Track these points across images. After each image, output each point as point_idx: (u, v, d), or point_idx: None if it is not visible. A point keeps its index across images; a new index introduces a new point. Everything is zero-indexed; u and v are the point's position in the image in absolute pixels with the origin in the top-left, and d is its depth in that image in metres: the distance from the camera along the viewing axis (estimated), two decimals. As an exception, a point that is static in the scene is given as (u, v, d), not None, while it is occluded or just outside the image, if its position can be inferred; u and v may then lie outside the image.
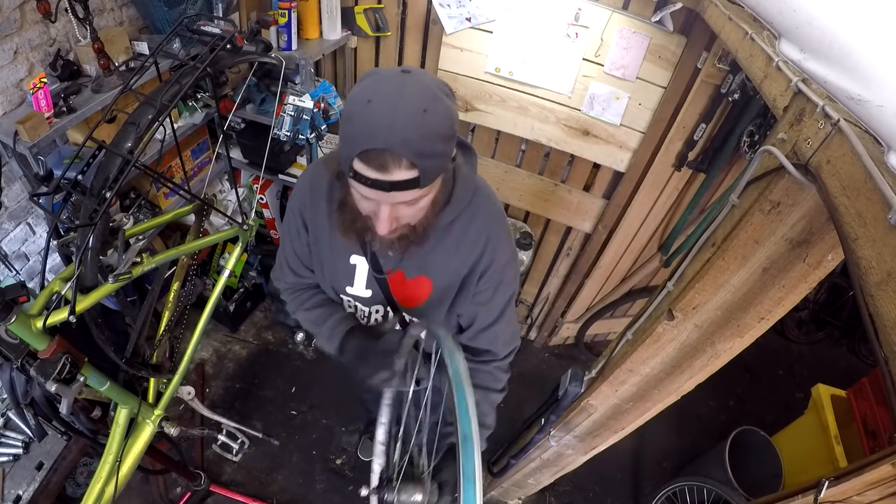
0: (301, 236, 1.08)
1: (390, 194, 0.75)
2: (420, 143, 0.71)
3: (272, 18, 1.74)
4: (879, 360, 0.43)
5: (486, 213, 0.98)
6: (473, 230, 0.97)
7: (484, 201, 0.98)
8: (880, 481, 0.52)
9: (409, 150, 0.70)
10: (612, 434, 1.44)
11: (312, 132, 1.82)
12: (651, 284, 2.53)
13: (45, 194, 1.20)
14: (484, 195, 0.99)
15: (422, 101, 0.72)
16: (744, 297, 0.86)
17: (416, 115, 0.70)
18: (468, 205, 0.95)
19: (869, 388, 1.97)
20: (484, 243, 0.98)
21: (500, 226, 1.01)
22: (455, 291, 1.04)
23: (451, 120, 0.76)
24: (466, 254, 0.98)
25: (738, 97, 1.58)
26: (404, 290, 1.06)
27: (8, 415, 1.49)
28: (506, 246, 1.02)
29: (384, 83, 0.73)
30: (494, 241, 0.99)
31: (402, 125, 0.70)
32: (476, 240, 0.98)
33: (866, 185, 0.48)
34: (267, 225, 2.69)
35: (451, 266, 1.00)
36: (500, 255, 1.00)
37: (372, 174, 0.73)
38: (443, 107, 0.74)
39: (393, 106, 0.70)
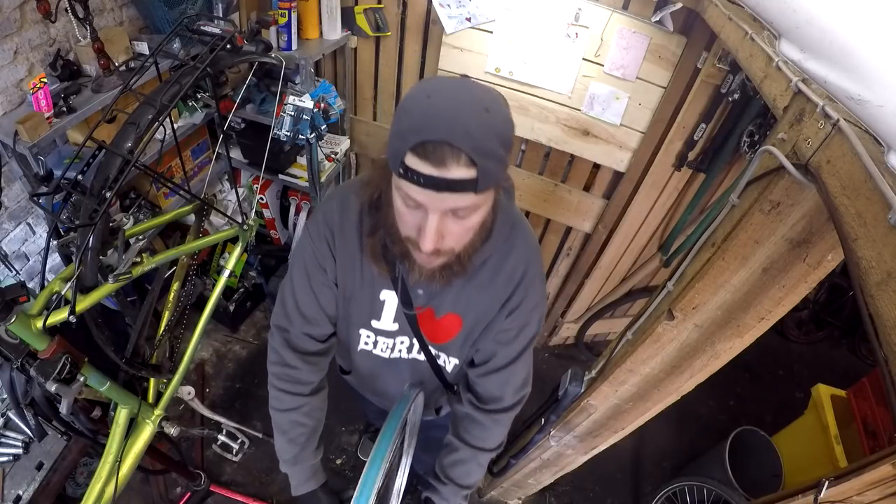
0: (325, 272, 0.97)
1: (442, 196, 0.68)
2: (482, 140, 0.66)
3: (272, 18, 1.74)
4: (879, 360, 0.43)
5: (523, 249, 0.93)
6: (508, 266, 0.92)
7: (521, 235, 0.93)
8: (880, 481, 0.52)
9: (470, 145, 0.65)
10: (612, 434, 1.44)
11: (312, 132, 1.82)
12: (651, 284, 2.53)
13: (45, 194, 1.19)
14: (522, 229, 0.94)
15: (484, 101, 0.68)
16: (744, 297, 0.86)
17: (479, 111, 0.67)
18: (505, 240, 0.90)
19: (869, 388, 1.97)
20: (518, 280, 0.93)
21: (535, 263, 0.96)
22: (483, 328, 1.00)
23: (511, 126, 0.72)
24: (499, 291, 0.94)
25: (738, 97, 1.58)
26: (434, 327, 1.00)
27: (8, 415, 1.49)
28: (538, 286, 0.97)
29: (444, 82, 0.72)
30: (528, 280, 0.94)
31: (465, 118, 0.65)
32: (510, 276, 0.93)
33: (866, 185, 0.48)
34: (267, 225, 2.69)
35: (482, 303, 0.96)
36: (532, 296, 0.96)
37: (426, 169, 0.66)
38: (504, 111, 0.71)
39: (455, 99, 0.67)
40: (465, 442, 1.07)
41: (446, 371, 1.08)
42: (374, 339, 1.05)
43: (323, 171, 2.17)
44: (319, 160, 2.09)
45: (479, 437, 1.06)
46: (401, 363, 1.09)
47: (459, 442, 1.07)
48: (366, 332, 1.04)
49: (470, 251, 0.82)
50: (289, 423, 1.04)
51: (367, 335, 1.04)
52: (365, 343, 1.06)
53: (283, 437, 1.04)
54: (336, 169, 2.31)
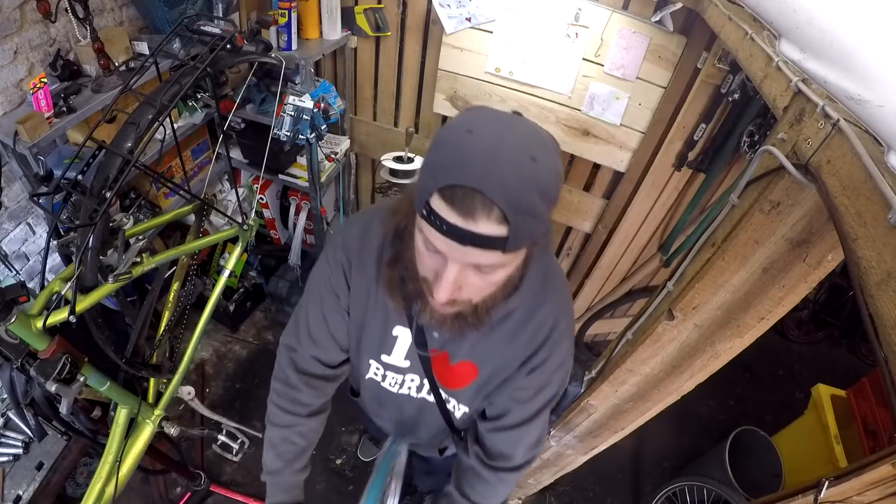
0: (338, 299, 0.93)
1: (465, 250, 0.60)
2: (520, 194, 0.57)
3: (272, 18, 1.74)
4: (879, 360, 0.43)
5: (554, 305, 0.85)
6: (535, 322, 0.85)
7: (554, 290, 0.85)
8: (880, 481, 0.52)
9: (505, 198, 0.56)
10: (612, 434, 1.44)
11: (312, 132, 1.82)
12: (651, 284, 2.53)
13: (45, 194, 1.19)
14: (555, 282, 0.86)
15: (532, 147, 0.59)
16: (744, 297, 0.86)
17: (524, 159, 0.57)
18: (535, 294, 0.82)
19: (869, 388, 1.97)
20: (544, 338, 0.86)
21: (565, 320, 0.88)
22: (499, 380, 0.93)
23: (558, 179, 0.62)
24: (523, 345, 0.87)
25: (738, 97, 1.58)
26: (447, 372, 0.95)
27: (8, 415, 1.49)
28: (565, 345, 0.90)
29: (491, 117, 0.62)
30: (555, 339, 0.87)
31: (505, 165, 0.56)
32: (536, 332, 0.86)
33: (866, 185, 0.48)
34: (267, 225, 2.69)
35: (502, 357, 0.89)
36: (557, 355, 0.88)
37: (452, 217, 0.58)
38: (553, 161, 0.61)
39: (498, 141, 0.57)
40: (466, 497, 1.02)
41: (455, 416, 1.03)
42: (384, 373, 1.01)
43: (323, 171, 2.17)
44: (319, 160, 2.08)
45: (482, 494, 1.01)
46: (408, 401, 1.04)
47: (460, 496, 1.02)
48: (375, 364, 1.00)
49: (490, 304, 0.76)
50: (280, 439, 1.01)
51: (376, 367, 1.00)
52: (374, 374, 1.02)
53: (272, 451, 1.02)
54: (336, 169, 2.31)
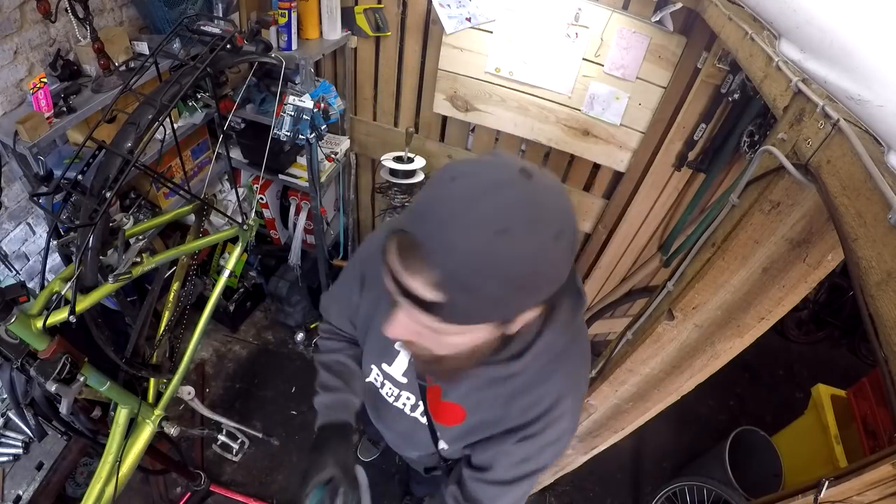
0: (355, 291, 0.95)
1: (403, 301, 0.56)
2: (465, 270, 0.50)
3: (272, 18, 1.74)
4: (879, 360, 0.43)
5: (561, 384, 0.78)
6: (537, 393, 0.78)
7: (566, 366, 0.78)
8: (880, 481, 0.52)
9: (444, 266, 0.50)
10: (612, 434, 1.44)
11: (312, 132, 1.82)
12: (651, 284, 2.53)
13: (45, 194, 1.19)
14: (572, 357, 0.78)
15: (510, 219, 0.49)
16: (744, 297, 0.86)
17: (487, 230, 0.49)
18: (542, 366, 0.75)
19: (869, 388, 1.97)
20: (541, 412, 0.78)
21: (571, 399, 0.80)
22: (486, 434, 0.88)
23: (536, 266, 0.52)
24: (517, 413, 0.80)
25: (738, 97, 1.58)
26: (437, 406, 0.91)
27: (8, 415, 1.49)
28: (563, 424, 0.81)
29: (486, 169, 0.53)
30: (553, 416, 0.79)
31: (459, 232, 0.49)
32: (534, 404, 0.78)
33: (866, 185, 0.48)
34: (267, 225, 2.69)
35: (494, 415, 0.83)
36: (551, 432, 0.81)
37: (394, 263, 0.54)
38: (535, 244, 0.51)
39: (469, 201, 0.50)
40: None
41: (441, 448, 0.99)
42: (382, 381, 0.99)
43: (323, 171, 2.17)
44: (319, 160, 2.08)
45: None
46: (402, 416, 1.00)
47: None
48: (377, 370, 0.99)
49: (457, 366, 0.68)
50: (332, 361, 1.06)
51: (377, 372, 0.99)
52: (374, 378, 1.01)
53: (326, 371, 1.04)
54: (336, 169, 2.31)
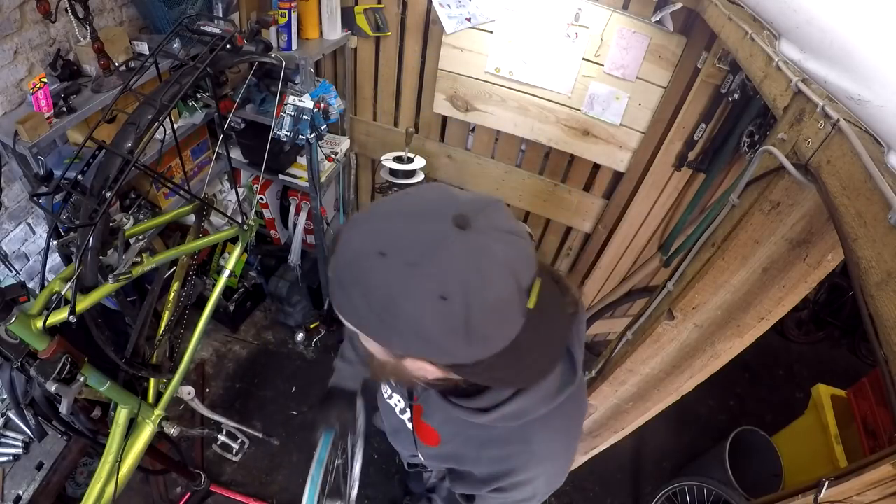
0: None
1: None
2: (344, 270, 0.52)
3: (272, 18, 1.74)
4: (879, 360, 0.43)
5: (540, 445, 0.74)
6: (509, 450, 0.75)
7: (548, 431, 0.73)
8: (880, 481, 0.52)
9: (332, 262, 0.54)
10: (612, 434, 1.44)
11: (312, 132, 1.82)
12: (651, 284, 2.53)
13: (45, 194, 1.19)
14: (555, 425, 0.74)
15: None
16: (744, 297, 0.86)
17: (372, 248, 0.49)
18: (521, 426, 0.71)
19: (869, 388, 1.97)
20: (511, 469, 0.76)
21: (548, 464, 0.77)
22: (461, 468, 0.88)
23: (397, 307, 0.49)
24: (488, 462, 0.79)
25: (738, 97, 1.58)
26: (419, 424, 0.91)
27: (8, 415, 1.49)
28: (538, 487, 0.79)
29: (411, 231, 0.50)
30: (525, 476, 0.76)
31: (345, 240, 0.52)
32: (505, 459, 0.76)
33: (866, 185, 0.48)
34: (267, 225, 2.68)
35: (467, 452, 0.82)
36: (523, 491, 0.79)
37: None
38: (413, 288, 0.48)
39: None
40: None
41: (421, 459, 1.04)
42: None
43: (323, 171, 2.17)
44: (319, 160, 2.08)
45: None
46: (393, 415, 1.03)
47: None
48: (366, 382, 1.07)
49: (389, 375, 0.67)
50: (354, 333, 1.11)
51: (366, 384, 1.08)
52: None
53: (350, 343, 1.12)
54: (336, 169, 2.31)
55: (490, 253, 0.49)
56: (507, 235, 0.51)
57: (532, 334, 0.55)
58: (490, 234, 0.50)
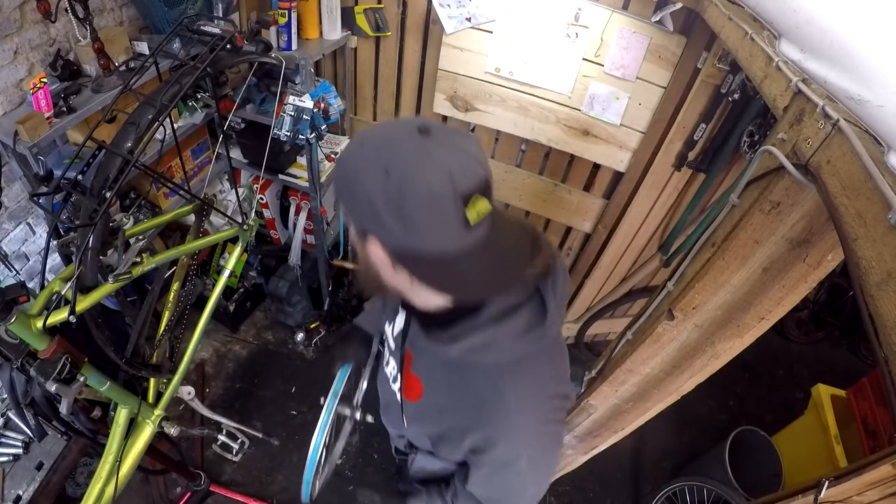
0: None
1: None
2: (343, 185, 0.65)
3: (272, 18, 1.74)
4: (879, 360, 0.43)
5: (514, 396, 0.77)
6: (484, 397, 0.79)
7: (524, 380, 0.77)
8: (880, 481, 0.52)
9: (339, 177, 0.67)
10: (612, 434, 1.44)
11: (312, 132, 1.82)
12: (651, 284, 2.53)
13: (45, 194, 1.19)
14: (531, 373, 0.78)
15: (397, 168, 0.59)
16: (744, 297, 0.86)
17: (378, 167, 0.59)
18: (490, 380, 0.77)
19: (869, 388, 1.97)
20: (487, 418, 0.79)
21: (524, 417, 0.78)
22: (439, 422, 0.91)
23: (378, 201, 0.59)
24: (465, 409, 0.83)
25: (738, 97, 1.58)
26: (407, 378, 0.94)
27: (8, 415, 1.49)
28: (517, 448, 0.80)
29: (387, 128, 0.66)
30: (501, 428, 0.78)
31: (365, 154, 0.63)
32: (480, 407, 0.80)
33: (866, 185, 0.48)
34: (267, 225, 2.68)
35: (445, 398, 0.86)
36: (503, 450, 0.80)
37: None
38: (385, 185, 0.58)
39: (383, 140, 0.63)
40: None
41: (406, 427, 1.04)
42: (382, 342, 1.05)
43: (323, 171, 2.17)
44: (319, 160, 2.08)
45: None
46: (387, 386, 1.06)
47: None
48: (385, 331, 1.02)
49: (370, 276, 0.72)
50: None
51: (383, 336, 1.05)
52: (380, 340, 1.08)
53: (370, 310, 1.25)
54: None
55: (434, 154, 0.59)
56: (458, 151, 0.61)
57: (480, 255, 0.63)
58: (442, 144, 0.60)
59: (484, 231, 0.63)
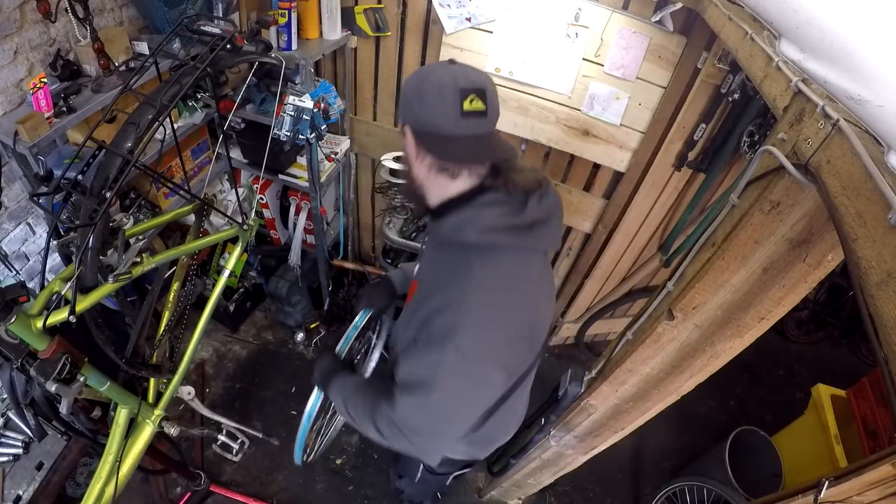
0: None
1: None
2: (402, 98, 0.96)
3: (272, 18, 1.74)
4: (879, 360, 0.43)
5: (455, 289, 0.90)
6: (452, 271, 0.93)
7: (469, 282, 0.90)
8: (880, 481, 0.52)
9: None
10: (612, 434, 1.44)
11: (312, 132, 1.82)
12: (651, 284, 2.53)
13: (45, 194, 1.19)
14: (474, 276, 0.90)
15: (424, 72, 0.93)
16: (744, 297, 0.86)
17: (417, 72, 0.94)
18: (463, 257, 0.92)
19: (869, 388, 1.97)
20: (444, 285, 0.92)
21: (468, 295, 0.89)
22: (410, 323, 1.02)
23: (410, 92, 0.92)
24: (436, 286, 0.95)
25: (738, 97, 1.58)
26: (410, 290, 1.11)
27: (8, 415, 1.49)
28: (457, 318, 0.88)
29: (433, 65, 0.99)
30: (451, 292, 0.90)
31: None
32: (445, 279, 0.93)
33: (866, 185, 0.48)
34: (267, 225, 2.68)
35: (428, 281, 1.04)
36: (441, 319, 0.90)
37: None
38: (415, 81, 0.92)
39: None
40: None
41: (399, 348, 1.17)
42: None
43: (323, 171, 2.17)
44: (319, 160, 2.08)
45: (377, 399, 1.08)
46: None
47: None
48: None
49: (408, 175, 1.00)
50: None
51: None
52: None
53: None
54: (336, 169, 2.31)
55: (450, 68, 0.90)
56: (467, 68, 0.91)
57: (471, 141, 0.89)
58: (458, 65, 0.91)
59: (476, 127, 0.88)
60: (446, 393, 0.90)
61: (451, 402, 0.92)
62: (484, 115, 0.88)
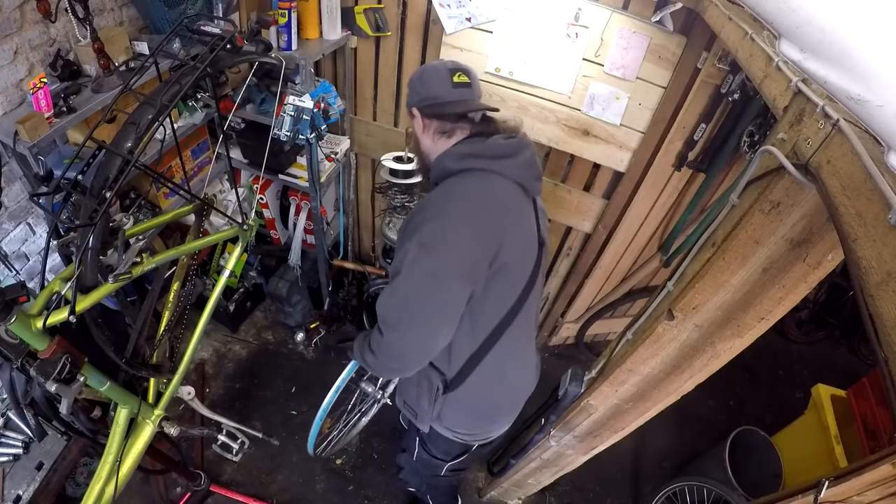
0: None
1: None
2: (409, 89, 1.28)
3: (272, 18, 1.74)
4: (879, 360, 0.43)
5: (445, 193, 1.15)
6: (431, 195, 1.19)
7: (450, 190, 1.15)
8: (880, 481, 0.52)
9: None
10: (612, 434, 1.44)
11: (312, 132, 1.82)
12: (651, 284, 2.53)
13: (45, 194, 1.19)
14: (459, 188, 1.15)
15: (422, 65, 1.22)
16: (744, 297, 0.86)
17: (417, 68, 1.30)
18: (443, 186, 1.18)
19: (869, 388, 1.97)
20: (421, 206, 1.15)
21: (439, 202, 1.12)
22: None
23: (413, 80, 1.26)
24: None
25: (738, 97, 1.58)
26: None
27: (8, 415, 1.49)
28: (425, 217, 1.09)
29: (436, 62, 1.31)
30: (424, 207, 1.13)
31: None
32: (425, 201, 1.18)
33: (866, 185, 0.48)
34: (267, 225, 2.69)
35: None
36: (413, 221, 1.11)
37: None
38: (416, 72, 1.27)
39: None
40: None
41: None
42: None
43: (323, 171, 2.17)
44: (319, 160, 2.08)
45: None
46: None
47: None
48: None
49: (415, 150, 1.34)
50: None
51: None
52: None
53: None
54: (336, 169, 2.31)
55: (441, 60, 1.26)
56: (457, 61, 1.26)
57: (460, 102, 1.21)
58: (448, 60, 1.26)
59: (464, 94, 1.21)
60: (409, 279, 1.05)
61: (414, 290, 1.05)
62: (469, 86, 1.20)
